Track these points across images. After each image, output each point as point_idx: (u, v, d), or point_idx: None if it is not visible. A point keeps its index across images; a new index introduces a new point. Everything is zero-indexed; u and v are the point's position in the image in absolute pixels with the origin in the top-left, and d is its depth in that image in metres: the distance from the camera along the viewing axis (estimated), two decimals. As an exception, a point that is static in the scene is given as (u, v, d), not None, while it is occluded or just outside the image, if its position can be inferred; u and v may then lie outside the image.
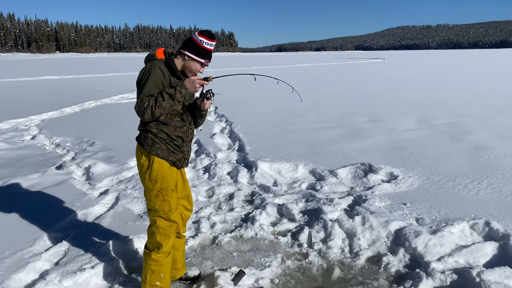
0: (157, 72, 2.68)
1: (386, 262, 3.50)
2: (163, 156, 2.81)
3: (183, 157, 2.93)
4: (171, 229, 2.85)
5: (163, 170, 2.81)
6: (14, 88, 19.33)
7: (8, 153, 7.28)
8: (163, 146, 2.80)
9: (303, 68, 38.75)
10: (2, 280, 3.10)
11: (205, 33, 2.79)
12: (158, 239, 2.84)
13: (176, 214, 2.88)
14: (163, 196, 2.80)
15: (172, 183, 2.87)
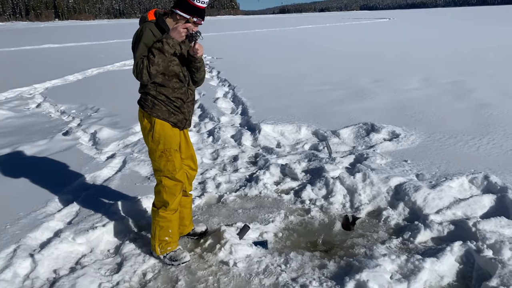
0: (148, 34, 2.69)
1: (386, 215, 3.62)
2: (164, 118, 2.87)
3: (184, 118, 2.98)
4: (177, 188, 2.96)
5: (164, 131, 2.88)
6: (16, 57, 19.25)
7: (14, 121, 7.38)
8: (163, 108, 2.85)
9: (306, 30, 38.03)
10: (19, 238, 3.26)
11: None
12: (165, 197, 2.96)
13: (180, 173, 2.97)
14: (166, 157, 2.89)
15: (174, 143, 2.93)
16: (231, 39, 27.63)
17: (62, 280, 2.82)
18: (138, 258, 3.12)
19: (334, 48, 19.20)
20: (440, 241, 3.20)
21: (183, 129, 3.07)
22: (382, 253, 3.00)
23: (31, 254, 3.07)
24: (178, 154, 2.98)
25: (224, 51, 18.67)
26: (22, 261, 2.99)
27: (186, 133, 3.14)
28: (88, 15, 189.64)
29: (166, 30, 2.73)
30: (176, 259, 3.04)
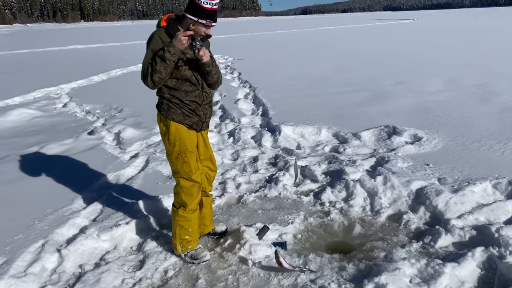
0: (156, 40, 2.74)
1: (406, 219, 3.60)
2: (179, 120, 2.93)
3: (200, 120, 3.00)
4: (194, 189, 3.02)
5: (180, 133, 2.94)
6: (43, 57, 19.80)
7: (42, 120, 7.62)
8: (178, 111, 2.92)
9: (328, 31, 37.83)
10: (47, 234, 3.38)
11: None
12: (183, 198, 3.03)
13: (197, 174, 3.02)
14: (182, 158, 2.95)
15: (190, 145, 2.98)
16: (252, 41, 27.72)
17: (87, 275, 2.92)
18: (159, 255, 3.19)
19: (355, 49, 19.05)
20: (461, 246, 3.17)
21: (201, 131, 3.11)
22: (402, 257, 2.99)
23: (58, 249, 3.19)
24: (194, 156, 3.03)
25: (245, 52, 18.77)
26: (49, 256, 3.11)
27: (204, 135, 3.18)
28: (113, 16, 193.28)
29: (173, 35, 2.73)
30: (197, 257, 3.10)
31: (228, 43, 24.65)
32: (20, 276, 2.87)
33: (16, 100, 9.45)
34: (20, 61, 18.24)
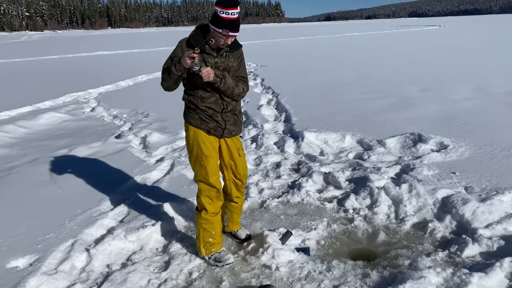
0: (176, 49, 2.91)
1: (432, 228, 3.55)
2: (196, 125, 3.02)
3: (218, 126, 3.04)
4: (212, 193, 3.08)
5: (197, 137, 3.02)
6: (72, 63, 20.39)
7: (71, 124, 7.86)
8: (195, 116, 3.02)
9: (352, 37, 37.62)
10: (76, 233, 3.49)
11: (219, 1, 2.73)
12: (202, 200, 3.11)
13: (215, 179, 3.07)
14: (199, 162, 3.03)
15: (207, 150, 3.03)
16: (275, 47, 27.82)
17: (114, 275, 3.00)
18: (184, 257, 3.25)
19: (380, 55, 18.89)
20: (489, 256, 3.10)
21: (223, 138, 3.13)
22: (427, 265, 2.96)
23: (87, 248, 3.28)
24: (212, 160, 3.06)
25: (268, 58, 18.86)
26: (79, 255, 3.21)
27: (229, 142, 3.18)
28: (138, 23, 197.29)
29: (195, 46, 2.82)
30: (220, 260, 3.14)
31: (251, 50, 24.80)
32: (51, 273, 2.98)
33: (47, 104, 9.77)
34: (50, 66, 18.83)
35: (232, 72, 3.04)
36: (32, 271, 2.96)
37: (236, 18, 2.77)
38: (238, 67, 3.08)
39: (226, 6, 2.71)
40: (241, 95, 3.09)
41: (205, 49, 2.91)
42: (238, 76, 3.09)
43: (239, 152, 3.26)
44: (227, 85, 2.92)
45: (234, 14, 2.74)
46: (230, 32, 2.77)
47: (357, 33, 47.90)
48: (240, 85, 3.05)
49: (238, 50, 3.07)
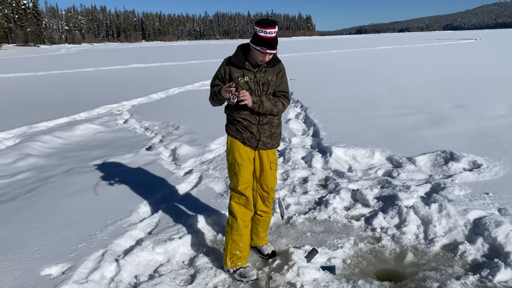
0: (220, 68, 3.14)
1: (462, 250, 3.45)
2: (233, 135, 3.20)
3: (252, 137, 3.16)
4: (241, 200, 3.18)
5: (233, 147, 3.19)
6: (107, 76, 21.09)
7: (105, 135, 8.11)
8: (232, 127, 3.20)
9: (383, 51, 37.22)
10: (106, 244, 3.59)
11: (258, 21, 2.93)
12: (233, 206, 3.22)
13: (245, 187, 3.16)
14: (232, 169, 3.19)
15: (241, 159, 3.17)
16: (305, 60, 27.89)
17: (142, 286, 3.07)
18: (210, 271, 3.29)
19: (412, 70, 18.60)
20: (524, 282, 2.99)
21: (257, 150, 3.22)
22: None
23: (116, 259, 3.37)
24: (245, 169, 3.17)
25: (297, 72, 18.89)
26: (108, 265, 3.30)
27: (262, 155, 3.26)
28: (171, 36, 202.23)
29: (235, 64, 3.05)
30: (246, 275, 3.16)
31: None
32: (82, 282, 3.08)
33: (82, 115, 10.14)
34: (86, 78, 19.56)
35: (272, 86, 3.15)
36: (64, 279, 3.07)
37: (273, 37, 2.94)
38: (280, 82, 3.19)
39: (264, 26, 2.90)
40: (281, 111, 3.24)
41: (245, 66, 3.05)
42: (279, 91, 3.20)
43: (271, 166, 3.33)
44: (265, 109, 3.09)
45: (271, 33, 2.91)
46: (267, 49, 2.93)
47: (389, 46, 47.38)
48: (280, 102, 3.17)
49: (278, 66, 3.18)
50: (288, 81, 3.29)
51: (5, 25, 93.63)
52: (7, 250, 3.50)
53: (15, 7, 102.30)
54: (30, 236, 3.73)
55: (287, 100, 3.23)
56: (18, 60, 40.92)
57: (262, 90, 3.10)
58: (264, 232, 3.54)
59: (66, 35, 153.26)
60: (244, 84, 3.04)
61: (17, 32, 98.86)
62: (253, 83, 3.06)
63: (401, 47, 44.53)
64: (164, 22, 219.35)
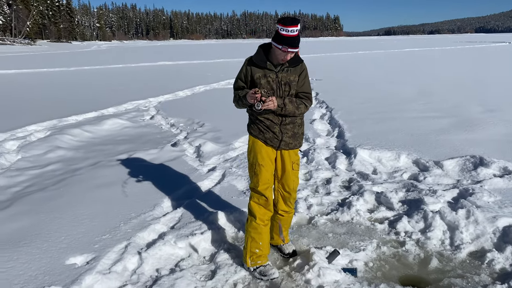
0: (242, 69, 3.15)
1: (490, 258, 3.35)
2: (255, 135, 3.19)
3: (275, 137, 3.14)
4: (261, 200, 3.18)
5: (255, 147, 3.18)
6: (135, 72, 21.47)
7: (131, 130, 8.26)
8: (255, 126, 3.19)
9: (412, 53, 36.48)
10: (130, 236, 3.66)
11: (280, 19, 2.90)
12: (252, 205, 3.21)
13: (264, 187, 3.15)
14: (253, 169, 3.18)
15: (262, 159, 3.15)
16: (331, 61, 27.64)
17: (163, 279, 3.10)
18: (230, 268, 3.30)
19: (441, 72, 18.16)
20: (555, 294, 2.87)
21: (279, 150, 3.21)
22: (483, 299, 2.79)
23: (139, 252, 3.43)
24: (265, 170, 3.16)
25: (324, 72, 18.76)
26: (131, 257, 3.36)
27: (284, 155, 3.24)
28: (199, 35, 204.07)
29: (257, 64, 3.05)
30: (266, 274, 3.16)
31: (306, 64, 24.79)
32: (105, 273, 3.14)
33: (111, 110, 10.35)
34: (115, 75, 19.96)
35: (295, 86, 3.11)
36: (88, 269, 3.14)
37: (295, 35, 2.89)
38: (303, 83, 3.15)
39: (286, 24, 2.86)
40: (303, 112, 3.21)
41: (266, 66, 3.03)
42: (302, 92, 3.17)
43: (293, 166, 3.30)
44: (288, 111, 3.09)
45: (293, 32, 2.87)
46: (289, 48, 2.90)
47: (418, 48, 46.40)
48: (302, 104, 3.14)
49: (300, 66, 3.14)
50: (310, 82, 3.26)
51: (40, 22, 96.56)
52: (36, 238, 3.61)
53: (50, 4, 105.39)
54: (57, 226, 3.83)
55: (310, 101, 3.19)
56: (51, 55, 42.14)
57: (284, 90, 3.08)
58: (285, 231, 3.52)
59: (97, 32, 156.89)
60: (266, 84, 3.03)
61: (50, 28, 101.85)
62: (275, 83, 3.04)
63: (430, 49, 43.54)
64: (192, 21, 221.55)
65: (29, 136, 7.48)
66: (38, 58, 36.68)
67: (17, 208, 4.29)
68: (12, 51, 53.68)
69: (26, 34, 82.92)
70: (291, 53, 2.95)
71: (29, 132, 7.79)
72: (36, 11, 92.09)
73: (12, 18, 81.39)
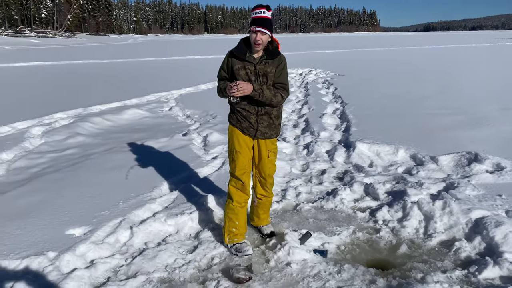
0: (224, 60, 3.42)
1: (458, 246, 3.50)
2: (233, 124, 3.45)
3: (251, 126, 3.39)
4: (238, 184, 3.46)
5: (233, 135, 3.43)
6: (165, 65, 22.12)
7: (149, 120, 8.72)
8: (233, 116, 3.44)
9: (446, 49, 35.51)
10: (125, 213, 4.03)
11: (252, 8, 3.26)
12: (230, 189, 3.51)
13: (241, 173, 3.42)
14: (231, 156, 3.45)
15: (240, 147, 3.41)
16: (360, 56, 27.38)
17: (148, 251, 3.46)
18: (211, 244, 3.62)
19: (470, 70, 17.73)
20: (509, 281, 3.01)
21: (256, 138, 3.46)
22: (436, 280, 2.97)
23: (131, 227, 3.80)
24: (242, 157, 3.42)
25: (349, 68, 18.72)
26: (123, 231, 3.73)
27: (261, 144, 3.48)
28: (233, 29, 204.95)
29: (237, 56, 3.31)
30: (241, 251, 3.45)
31: (333, 58, 24.77)
32: (99, 243, 3.53)
33: (133, 101, 10.87)
34: (145, 68, 20.65)
35: (272, 78, 3.32)
36: (83, 239, 3.53)
37: (262, 16, 3.19)
38: (280, 74, 3.34)
39: (254, 8, 3.23)
40: (280, 102, 3.37)
41: (245, 58, 3.27)
42: (278, 83, 3.36)
43: (269, 154, 3.54)
44: (265, 97, 3.26)
45: (260, 13, 3.19)
46: (256, 27, 3.14)
47: (454, 45, 45.00)
48: (279, 93, 3.32)
49: (278, 58, 3.35)
50: (288, 74, 3.46)
51: (80, 15, 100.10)
52: (43, 212, 4.05)
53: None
54: (63, 202, 4.27)
55: (286, 92, 3.37)
56: (88, 48, 43.77)
57: (262, 82, 3.30)
58: (264, 214, 3.79)
59: (134, 26, 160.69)
60: (244, 75, 3.29)
61: (90, 21, 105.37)
62: (253, 74, 3.28)
63: (467, 46, 42.15)
64: (226, 15, 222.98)
65: (54, 123, 8.06)
66: (76, 50, 38.21)
67: (32, 186, 4.77)
68: (54, 43, 56.11)
69: (67, 27, 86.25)
70: (261, 33, 3.15)
71: (55, 119, 8.39)
72: (77, 5, 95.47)
73: (54, 12, 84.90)
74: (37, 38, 65.03)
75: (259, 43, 3.19)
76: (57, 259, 3.23)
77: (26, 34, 67.84)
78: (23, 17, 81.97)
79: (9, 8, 75.47)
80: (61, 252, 3.32)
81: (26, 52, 35.12)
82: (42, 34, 70.58)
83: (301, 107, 9.85)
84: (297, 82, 14.77)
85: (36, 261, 3.19)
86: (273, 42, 3.36)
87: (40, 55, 29.91)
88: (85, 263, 3.31)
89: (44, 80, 15.83)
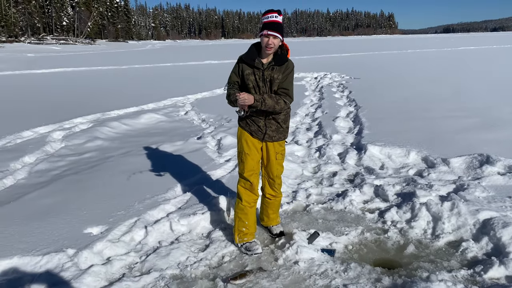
0: (235, 66, 3.51)
1: (465, 247, 3.54)
2: (242, 126, 3.57)
3: (259, 130, 3.50)
4: (246, 185, 3.58)
5: (241, 137, 3.55)
6: (182, 70, 22.47)
7: (165, 124, 8.93)
8: (243, 119, 3.55)
9: (465, 52, 34.99)
10: (141, 213, 4.19)
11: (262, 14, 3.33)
12: (239, 189, 3.62)
13: (250, 174, 3.54)
14: (240, 157, 3.57)
15: (248, 149, 3.53)
16: (377, 59, 27.26)
17: (161, 249, 3.61)
18: (222, 243, 3.74)
19: (487, 72, 17.48)
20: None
21: (264, 141, 3.57)
22: (440, 279, 3.03)
23: (146, 226, 3.95)
24: (250, 158, 3.54)
25: (365, 71, 18.68)
26: (139, 230, 3.89)
27: (269, 146, 3.59)
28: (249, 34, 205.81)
29: (246, 62, 3.40)
30: (250, 249, 3.57)
31: (349, 62, 24.74)
32: (115, 241, 3.69)
33: (150, 106, 11.14)
34: (162, 73, 21.03)
35: (277, 84, 3.42)
36: (100, 237, 3.70)
37: (273, 20, 3.26)
38: (285, 79, 3.43)
39: (265, 13, 3.32)
40: (284, 108, 3.46)
41: (254, 64, 3.39)
42: (281, 88, 3.44)
43: (277, 156, 3.65)
44: (267, 106, 3.34)
45: (272, 17, 3.28)
46: (268, 31, 3.23)
47: (474, 47, 44.29)
48: (281, 99, 3.39)
49: (286, 64, 3.44)
50: (293, 80, 3.53)
51: (100, 22, 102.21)
52: (62, 211, 4.25)
53: (109, 6, 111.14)
54: (82, 203, 4.46)
55: (289, 98, 3.43)
56: (107, 54, 44.68)
57: (270, 88, 3.42)
58: (273, 214, 3.90)
59: (152, 32, 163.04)
60: (253, 80, 3.41)
61: (109, 28, 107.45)
62: (261, 80, 3.39)
63: (486, 48, 41.43)
64: (243, 20, 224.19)
65: (74, 128, 8.34)
66: (94, 57, 39.05)
67: (53, 187, 4.99)
68: (75, 50, 57.43)
69: (87, 34, 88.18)
70: (272, 36, 3.24)
71: (75, 124, 8.67)
72: (97, 12, 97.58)
73: (75, 20, 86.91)
74: (59, 45, 66.75)
75: (271, 46, 3.28)
76: (76, 256, 3.40)
77: (48, 41, 69.78)
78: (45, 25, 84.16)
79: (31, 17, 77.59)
80: (79, 249, 3.49)
81: (48, 59, 36.08)
82: (63, 41, 72.44)
83: (315, 111, 9.93)
84: (312, 86, 14.84)
85: (56, 258, 3.37)
86: (283, 47, 3.46)
87: (61, 62, 30.71)
88: (102, 260, 3.47)
89: (65, 86, 16.28)
